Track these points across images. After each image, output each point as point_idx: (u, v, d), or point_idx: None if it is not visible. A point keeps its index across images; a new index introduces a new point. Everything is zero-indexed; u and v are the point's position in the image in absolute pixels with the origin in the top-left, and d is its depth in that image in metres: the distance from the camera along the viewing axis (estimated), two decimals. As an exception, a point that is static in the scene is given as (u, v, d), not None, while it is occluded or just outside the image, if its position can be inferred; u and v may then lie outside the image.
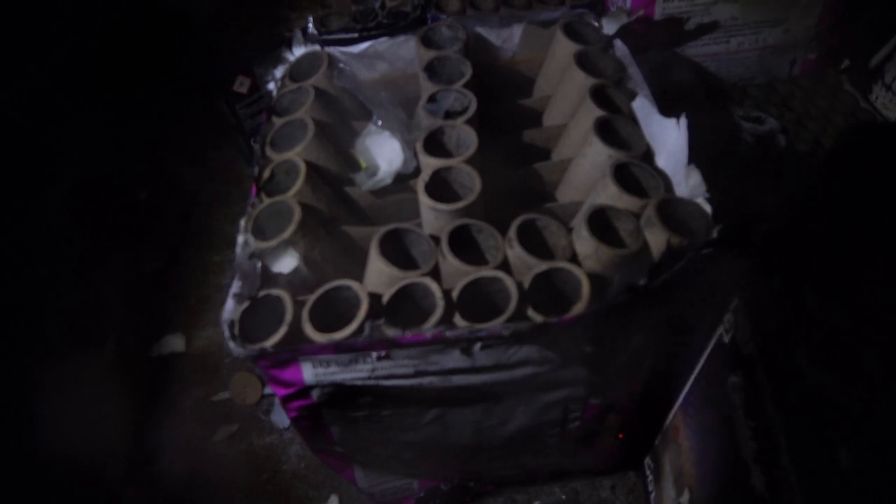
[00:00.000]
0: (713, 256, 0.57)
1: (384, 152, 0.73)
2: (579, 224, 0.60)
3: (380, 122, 0.74)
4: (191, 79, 1.09)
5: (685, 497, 0.64)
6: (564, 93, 0.76)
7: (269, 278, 0.61)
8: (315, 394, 0.58)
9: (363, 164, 0.75)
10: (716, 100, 0.91)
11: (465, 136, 0.67)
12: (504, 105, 0.80)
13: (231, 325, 0.55)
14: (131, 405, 0.91)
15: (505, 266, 0.59)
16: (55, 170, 1.07)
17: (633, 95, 0.72)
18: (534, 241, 0.61)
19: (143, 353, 0.96)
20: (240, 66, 1.06)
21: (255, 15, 1.11)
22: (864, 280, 0.50)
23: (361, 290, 0.56)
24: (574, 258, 0.60)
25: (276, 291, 0.58)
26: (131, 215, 1.14)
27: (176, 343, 0.97)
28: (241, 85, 1.07)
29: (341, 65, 0.76)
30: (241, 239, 0.62)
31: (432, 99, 0.70)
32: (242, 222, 0.63)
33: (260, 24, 1.12)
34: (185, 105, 1.26)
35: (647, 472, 0.79)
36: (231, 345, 0.54)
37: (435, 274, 0.59)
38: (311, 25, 0.81)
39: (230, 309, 0.57)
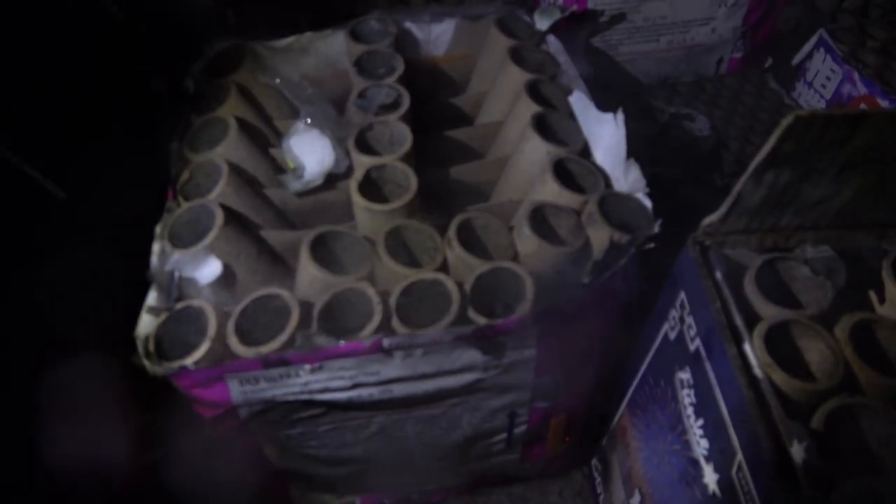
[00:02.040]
0: (655, 251, 0.56)
1: (314, 151, 0.69)
2: (520, 222, 0.58)
3: (308, 120, 0.70)
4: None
5: (636, 499, 0.62)
6: (499, 89, 0.74)
7: (188, 289, 0.56)
8: (243, 413, 0.53)
9: (291, 164, 0.70)
10: (645, 97, 0.92)
11: (398, 133, 0.64)
12: (437, 103, 0.77)
13: (146, 340, 0.50)
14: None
15: (445, 268, 0.56)
16: None
17: (568, 91, 0.71)
18: (474, 242, 0.58)
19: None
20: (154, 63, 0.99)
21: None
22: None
23: (291, 299, 0.52)
24: (516, 258, 0.58)
25: (196, 303, 0.53)
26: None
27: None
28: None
29: (264, 60, 0.71)
30: (156, 247, 0.57)
31: (363, 94, 0.67)
32: (158, 229, 0.58)
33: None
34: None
35: (595, 475, 0.78)
36: (146, 363, 0.49)
37: (371, 278, 0.56)
38: (230, 16, 0.76)
39: (146, 323, 0.52)
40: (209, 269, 0.56)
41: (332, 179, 0.67)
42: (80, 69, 0.70)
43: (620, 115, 0.64)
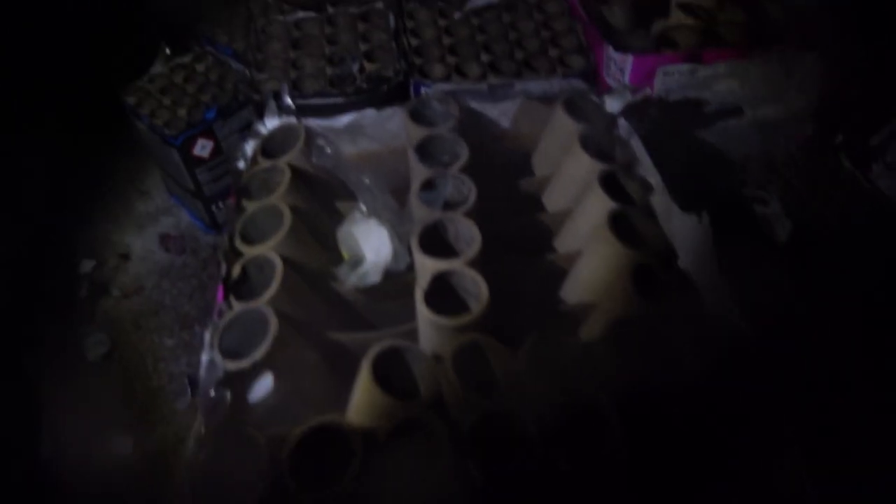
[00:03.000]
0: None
1: (370, 242, 0.65)
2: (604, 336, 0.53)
3: (364, 208, 0.66)
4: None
5: None
6: (568, 176, 0.70)
7: (238, 407, 0.51)
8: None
9: (346, 255, 0.66)
10: (715, 176, 0.87)
11: (465, 232, 0.59)
12: (499, 184, 0.73)
13: (195, 482, 0.45)
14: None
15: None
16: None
17: (643, 182, 0.66)
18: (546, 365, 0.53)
19: (83, 459, 0.84)
20: (200, 127, 0.96)
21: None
22: None
23: (354, 435, 0.47)
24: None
25: (248, 431, 0.48)
26: (73, 290, 1.01)
27: (122, 443, 0.85)
28: (203, 149, 0.97)
29: (320, 141, 0.68)
30: (205, 358, 0.52)
31: (428, 185, 0.63)
32: (207, 336, 0.53)
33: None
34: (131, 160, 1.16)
35: None
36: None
37: (438, 401, 0.51)
38: (286, 94, 0.72)
39: (192, 454, 0.47)
40: (261, 387, 0.52)
41: (390, 276, 0.62)
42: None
43: (706, 218, 0.58)
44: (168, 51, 1.05)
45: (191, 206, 1.07)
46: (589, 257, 0.62)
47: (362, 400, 0.51)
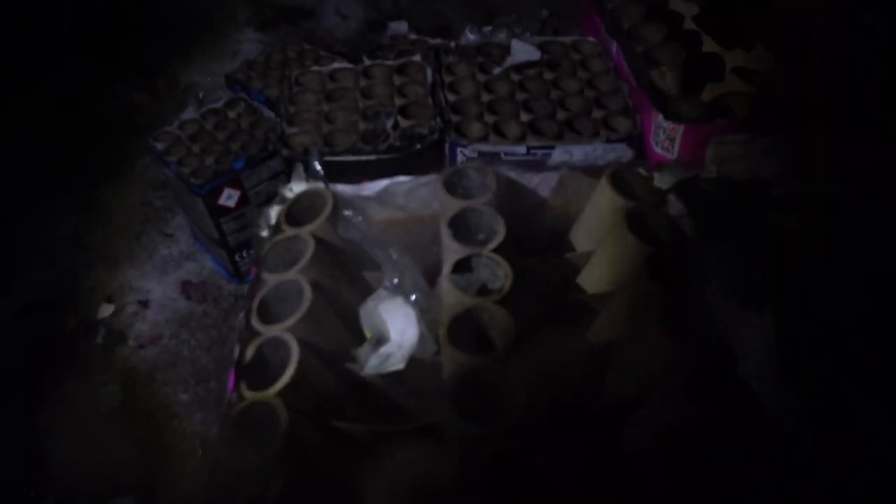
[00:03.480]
0: None
1: (396, 322, 0.60)
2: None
3: (390, 284, 0.62)
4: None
5: None
6: (612, 256, 0.64)
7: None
8: None
9: (368, 334, 0.61)
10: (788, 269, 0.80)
11: (498, 321, 0.55)
12: (536, 263, 0.68)
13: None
14: None
15: None
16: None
17: (695, 266, 0.61)
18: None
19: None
20: (227, 177, 0.94)
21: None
22: None
23: None
24: None
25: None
26: (89, 335, 0.98)
27: (128, 508, 0.81)
28: (229, 198, 0.94)
29: (348, 211, 0.64)
30: (213, 457, 0.48)
31: (461, 267, 0.58)
32: (217, 431, 0.49)
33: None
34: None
35: None
36: None
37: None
38: (315, 158, 0.69)
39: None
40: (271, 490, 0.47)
41: (414, 363, 0.57)
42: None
43: (768, 317, 0.52)
44: (201, 95, 1.03)
45: (215, 253, 1.04)
46: (633, 348, 0.57)
47: None
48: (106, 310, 1.01)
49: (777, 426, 0.51)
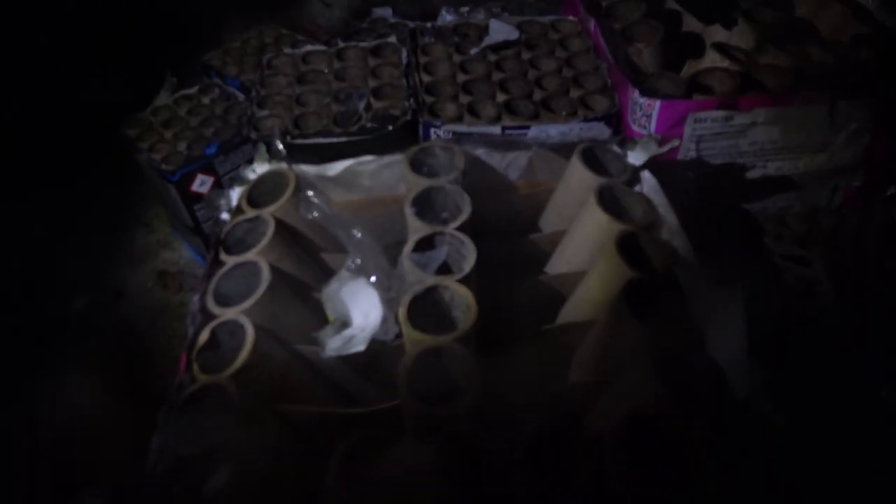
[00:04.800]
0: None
1: (359, 304, 0.59)
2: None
3: (353, 265, 0.60)
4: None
5: None
6: (582, 235, 0.63)
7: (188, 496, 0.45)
8: None
9: (331, 317, 0.60)
10: (749, 233, 0.79)
11: (459, 301, 0.53)
12: (506, 244, 0.66)
13: None
14: None
15: None
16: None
17: (667, 247, 0.59)
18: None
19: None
20: (199, 163, 0.92)
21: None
22: None
23: None
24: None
25: None
26: (62, 326, 0.97)
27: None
28: (202, 185, 0.92)
29: (309, 191, 0.62)
30: (154, 443, 0.46)
31: (423, 245, 0.56)
32: (161, 415, 0.47)
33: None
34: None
35: None
36: None
37: None
38: (276, 138, 0.67)
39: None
40: (216, 479, 0.45)
41: (376, 344, 0.56)
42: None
43: (739, 294, 0.51)
44: (174, 80, 1.01)
45: (191, 242, 1.02)
46: (600, 335, 0.55)
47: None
48: (80, 301, 1.00)
49: (746, 407, 0.49)
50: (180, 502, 0.44)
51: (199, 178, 0.91)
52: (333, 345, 0.56)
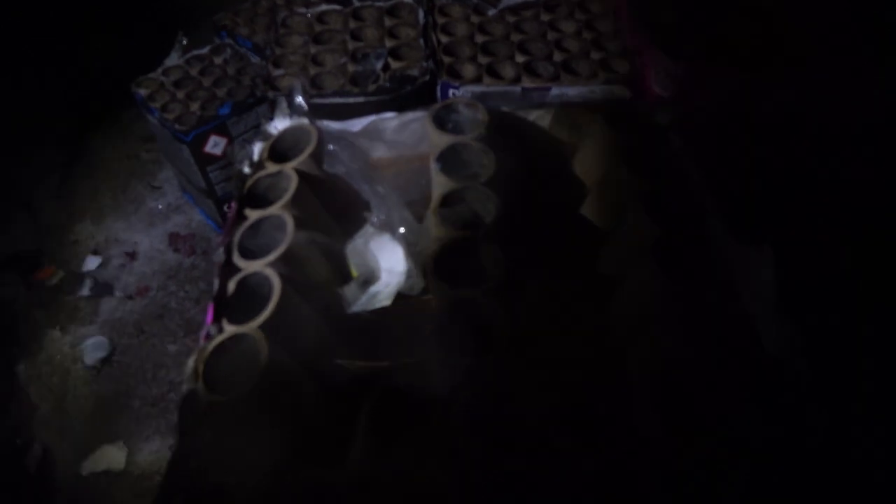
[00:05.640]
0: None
1: (384, 259, 0.58)
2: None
3: (377, 220, 0.60)
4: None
5: None
6: (607, 194, 0.62)
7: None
8: None
9: (355, 272, 0.59)
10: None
11: (487, 254, 0.52)
12: (529, 198, 0.65)
13: None
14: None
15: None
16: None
17: (695, 205, 0.58)
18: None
19: (73, 469, 0.79)
20: (213, 123, 0.91)
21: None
22: None
23: None
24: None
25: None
26: (75, 287, 0.96)
27: (115, 457, 0.80)
28: (216, 146, 0.91)
29: (333, 146, 0.61)
30: (185, 388, 0.46)
31: (449, 201, 0.56)
32: (191, 363, 0.47)
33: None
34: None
35: None
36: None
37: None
38: (298, 93, 0.66)
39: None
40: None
41: (400, 298, 0.56)
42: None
43: (768, 250, 0.50)
44: (185, 41, 1.00)
45: (203, 205, 1.02)
46: (629, 286, 0.55)
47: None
48: (92, 262, 0.99)
49: (777, 363, 0.49)
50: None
51: (213, 138, 0.90)
52: (361, 300, 0.56)
